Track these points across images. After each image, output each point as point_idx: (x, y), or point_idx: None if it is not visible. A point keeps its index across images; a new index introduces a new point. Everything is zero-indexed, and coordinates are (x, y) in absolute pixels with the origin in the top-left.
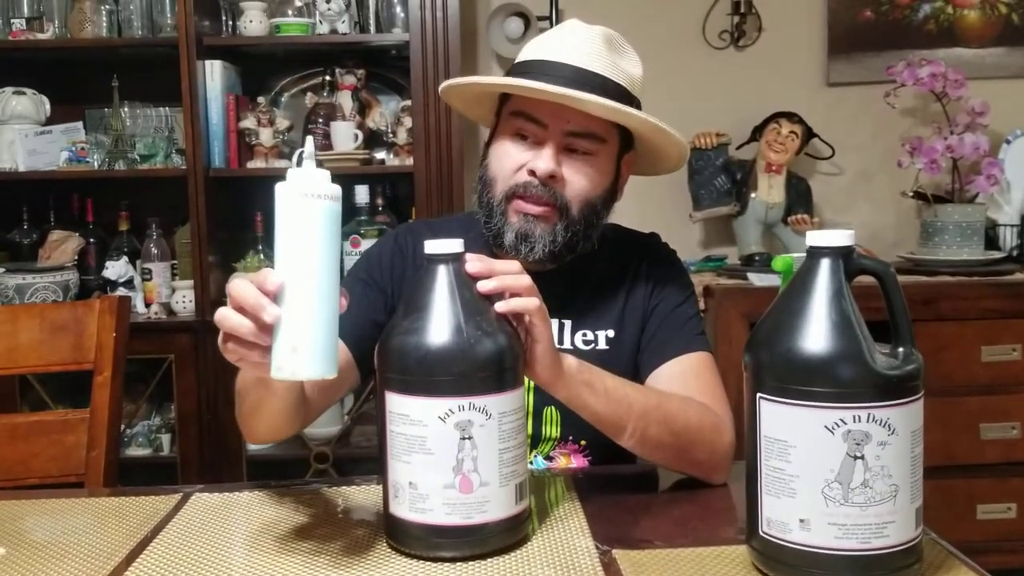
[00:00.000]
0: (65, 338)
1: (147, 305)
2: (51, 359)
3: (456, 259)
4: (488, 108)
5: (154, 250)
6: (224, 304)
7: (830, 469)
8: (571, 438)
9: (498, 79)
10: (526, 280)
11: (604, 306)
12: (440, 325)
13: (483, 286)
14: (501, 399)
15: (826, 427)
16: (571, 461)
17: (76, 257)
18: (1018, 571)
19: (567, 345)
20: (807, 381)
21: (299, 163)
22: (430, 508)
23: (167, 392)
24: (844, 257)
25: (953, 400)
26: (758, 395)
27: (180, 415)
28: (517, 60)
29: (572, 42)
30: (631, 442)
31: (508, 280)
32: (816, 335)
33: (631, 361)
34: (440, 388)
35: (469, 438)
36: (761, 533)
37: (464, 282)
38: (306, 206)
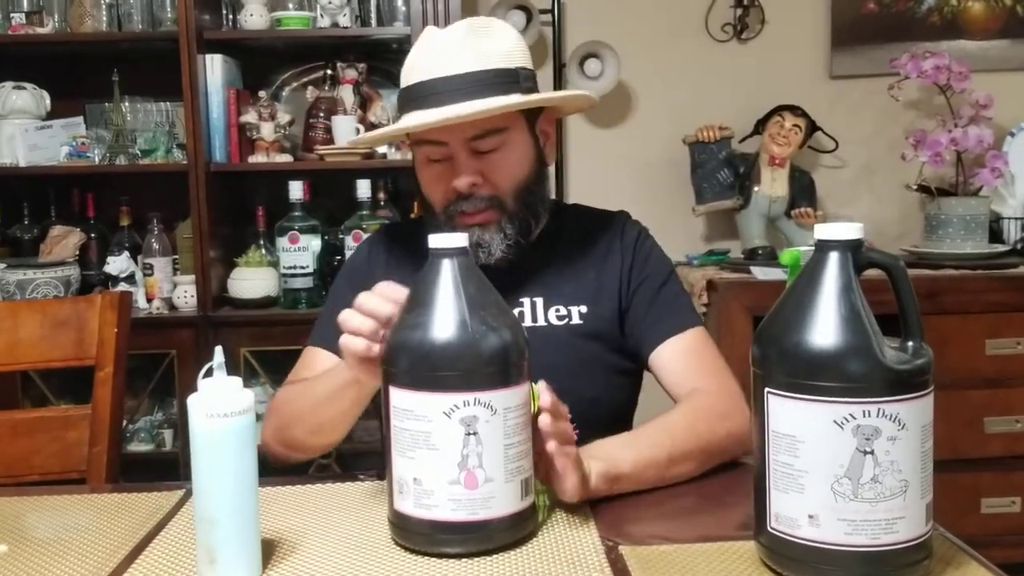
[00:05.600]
0: (66, 334)
1: (148, 300)
2: (53, 355)
3: (461, 253)
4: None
5: (155, 245)
6: (224, 297)
7: (839, 464)
8: None
9: (374, 133)
10: (569, 432)
11: (576, 282)
12: (445, 320)
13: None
14: (506, 394)
15: (835, 422)
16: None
17: (77, 252)
18: (1022, 565)
19: (541, 322)
20: (816, 375)
21: (208, 374)
22: (435, 504)
23: (169, 388)
24: (853, 250)
25: (957, 394)
26: (766, 390)
27: (182, 411)
28: (402, 87)
29: (432, 54)
30: (668, 484)
31: (564, 429)
32: (825, 329)
33: (606, 335)
34: (445, 383)
35: (474, 434)
36: (769, 529)
37: (469, 276)
38: (214, 426)
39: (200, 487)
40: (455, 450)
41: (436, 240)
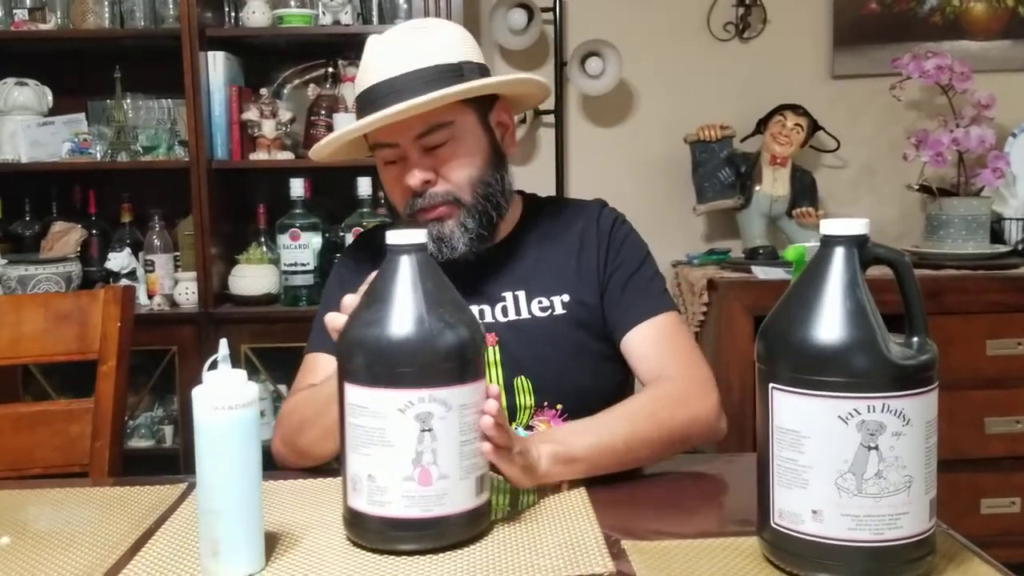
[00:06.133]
0: (69, 328)
1: (150, 297)
2: (55, 349)
3: (419, 249)
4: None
5: (157, 242)
6: (225, 294)
7: (843, 460)
8: (546, 404)
9: (326, 141)
10: (504, 439)
11: (556, 272)
12: (401, 316)
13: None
14: (462, 391)
15: (840, 417)
16: (551, 428)
17: (79, 248)
18: (1022, 566)
19: (525, 315)
20: (821, 371)
21: (213, 366)
22: (388, 501)
23: (169, 384)
24: (859, 246)
25: (958, 394)
26: (771, 385)
27: (183, 407)
28: (357, 95)
29: (375, 58)
30: (628, 468)
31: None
32: (830, 324)
33: (590, 323)
34: (400, 380)
35: (429, 430)
36: (773, 524)
37: (427, 273)
38: (219, 418)
39: (204, 479)
40: (409, 447)
41: (394, 236)
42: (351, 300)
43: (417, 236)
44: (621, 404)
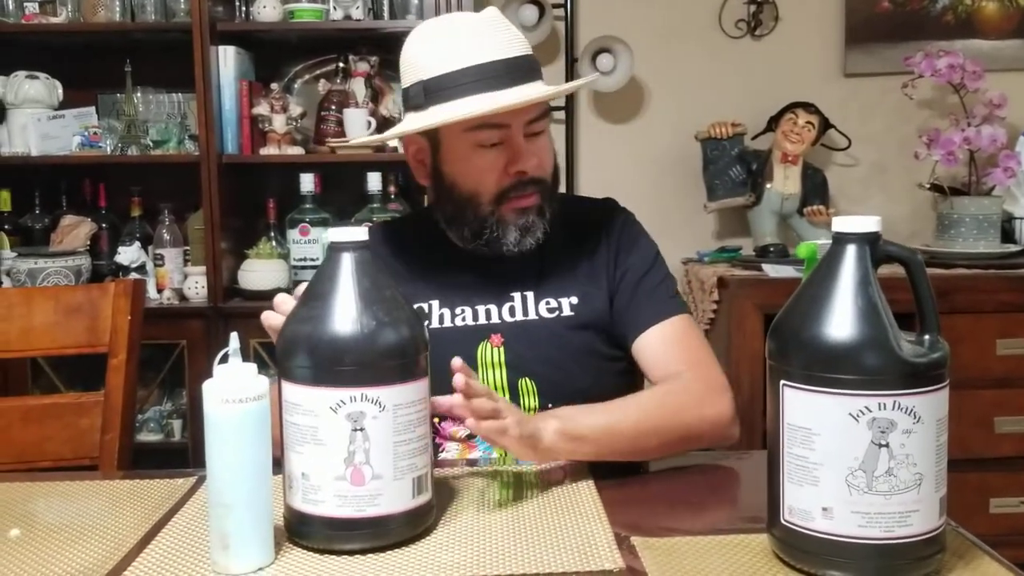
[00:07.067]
0: (80, 321)
1: (159, 291)
2: (65, 342)
3: (358, 247)
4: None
5: (166, 236)
6: (234, 289)
7: (854, 457)
8: (550, 406)
9: (464, 113)
10: (487, 408)
11: (566, 274)
12: (335, 314)
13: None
14: (396, 391)
15: (851, 414)
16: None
17: (88, 242)
18: None
19: (532, 315)
20: (832, 368)
21: (223, 360)
22: (322, 500)
23: (179, 378)
24: (871, 243)
25: (968, 393)
26: (782, 382)
27: (192, 401)
28: (430, 77)
29: (470, 38)
30: (635, 459)
31: (478, 406)
32: (842, 322)
33: (598, 325)
34: (332, 378)
35: (361, 430)
36: (783, 521)
37: (365, 271)
38: (230, 411)
39: (215, 472)
40: (341, 446)
41: (336, 234)
42: (282, 299)
43: (358, 234)
44: (632, 395)
